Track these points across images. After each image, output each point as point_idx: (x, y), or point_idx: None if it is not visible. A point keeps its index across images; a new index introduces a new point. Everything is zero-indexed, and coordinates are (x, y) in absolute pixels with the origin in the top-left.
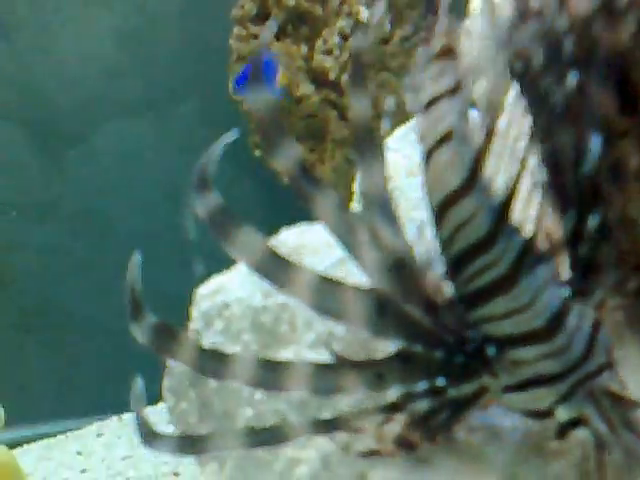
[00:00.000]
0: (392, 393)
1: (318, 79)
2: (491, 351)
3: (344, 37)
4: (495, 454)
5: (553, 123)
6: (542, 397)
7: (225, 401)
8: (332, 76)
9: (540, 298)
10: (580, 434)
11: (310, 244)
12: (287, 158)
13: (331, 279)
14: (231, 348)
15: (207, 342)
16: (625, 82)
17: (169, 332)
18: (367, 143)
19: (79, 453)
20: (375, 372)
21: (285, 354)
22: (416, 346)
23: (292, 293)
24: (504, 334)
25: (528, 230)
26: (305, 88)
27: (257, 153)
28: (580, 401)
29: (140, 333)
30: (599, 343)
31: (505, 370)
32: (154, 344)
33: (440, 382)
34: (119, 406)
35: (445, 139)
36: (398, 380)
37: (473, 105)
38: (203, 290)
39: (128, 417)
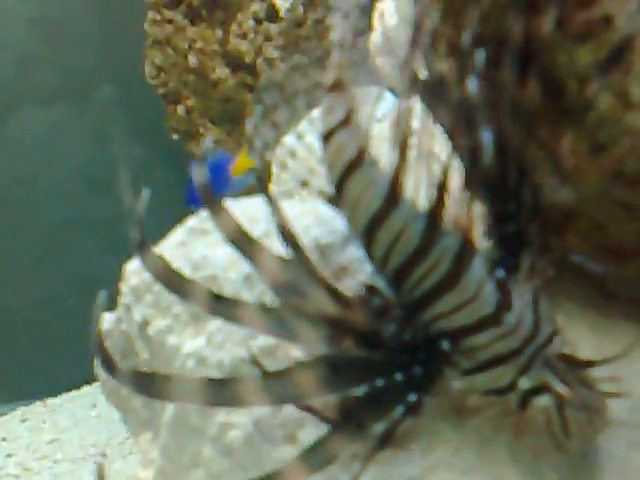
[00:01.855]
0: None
1: (234, 63)
2: (445, 345)
3: (258, 21)
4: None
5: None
6: (502, 374)
7: (156, 371)
8: (247, 59)
9: (484, 287)
10: (542, 400)
11: None
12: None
13: (273, 373)
14: (162, 321)
15: (137, 316)
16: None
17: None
18: (247, 244)
19: (4, 439)
20: (356, 424)
21: (214, 324)
22: (378, 382)
23: (244, 406)
24: (457, 327)
25: (462, 226)
26: (221, 72)
27: (174, 137)
28: (539, 370)
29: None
30: (542, 313)
31: (463, 356)
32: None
33: (412, 398)
34: (43, 391)
35: (353, 166)
36: (377, 419)
37: (391, 90)
38: (132, 266)
39: (52, 402)
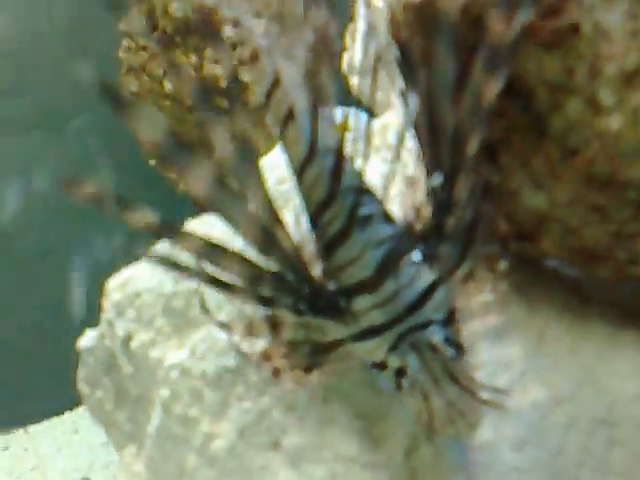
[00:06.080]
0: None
1: (209, 87)
2: (343, 302)
3: (232, 46)
4: None
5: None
6: (377, 347)
7: (140, 385)
8: (223, 84)
9: (368, 251)
10: (406, 382)
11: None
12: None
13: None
14: (144, 335)
15: (120, 331)
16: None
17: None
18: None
19: None
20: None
21: (198, 334)
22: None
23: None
24: (345, 285)
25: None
26: None
27: (151, 162)
28: (404, 351)
29: None
30: (434, 301)
31: (351, 320)
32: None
33: (302, 306)
34: (24, 419)
35: (287, 120)
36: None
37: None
38: (113, 282)
39: (34, 429)
